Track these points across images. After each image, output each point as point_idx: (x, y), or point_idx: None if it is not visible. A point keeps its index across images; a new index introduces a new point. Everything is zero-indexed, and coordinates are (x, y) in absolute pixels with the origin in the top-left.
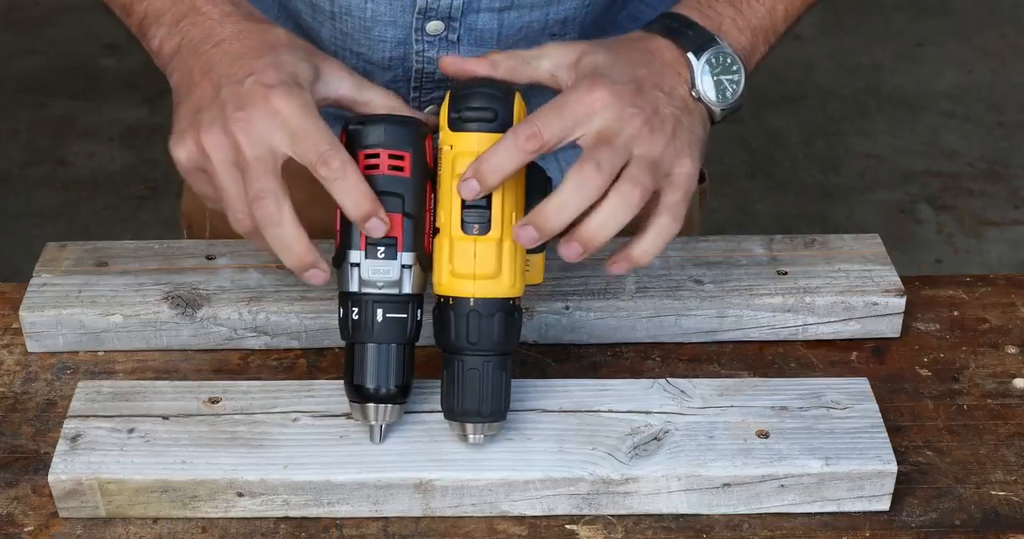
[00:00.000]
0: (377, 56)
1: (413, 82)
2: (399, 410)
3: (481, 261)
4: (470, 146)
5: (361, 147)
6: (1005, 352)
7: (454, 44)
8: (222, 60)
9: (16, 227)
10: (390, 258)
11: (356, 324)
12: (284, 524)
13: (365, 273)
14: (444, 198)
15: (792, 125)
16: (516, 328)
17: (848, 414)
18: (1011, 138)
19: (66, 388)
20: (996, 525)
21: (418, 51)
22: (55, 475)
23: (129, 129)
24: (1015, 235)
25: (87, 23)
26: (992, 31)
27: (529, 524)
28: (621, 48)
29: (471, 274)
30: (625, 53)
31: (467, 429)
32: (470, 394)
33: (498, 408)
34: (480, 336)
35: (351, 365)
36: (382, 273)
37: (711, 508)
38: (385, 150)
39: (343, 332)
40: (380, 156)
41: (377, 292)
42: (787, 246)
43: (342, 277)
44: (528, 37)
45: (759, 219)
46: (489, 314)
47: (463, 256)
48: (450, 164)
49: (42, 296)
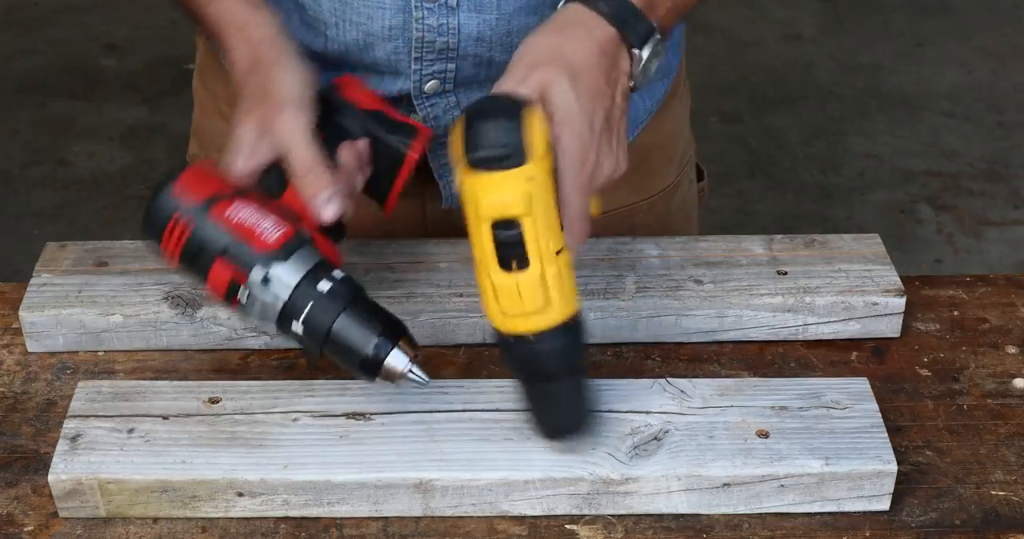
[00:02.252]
0: (377, 25)
1: (414, 53)
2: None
3: (528, 298)
4: (492, 186)
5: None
6: (1005, 352)
7: (453, 10)
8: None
9: (16, 227)
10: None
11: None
12: (284, 524)
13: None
14: (475, 236)
15: (792, 125)
16: (579, 343)
17: (848, 414)
18: (1011, 138)
19: (66, 388)
20: (996, 525)
21: (418, 18)
22: (55, 475)
23: (129, 129)
24: (1015, 235)
25: (87, 23)
26: (992, 31)
27: (529, 524)
28: (580, 67)
29: (521, 312)
30: (585, 74)
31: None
32: (565, 413)
33: (590, 413)
34: (550, 366)
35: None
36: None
37: (711, 508)
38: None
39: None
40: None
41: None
42: (787, 246)
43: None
44: (530, 3)
45: (759, 219)
46: (553, 345)
47: (509, 296)
48: (474, 204)
49: (42, 296)
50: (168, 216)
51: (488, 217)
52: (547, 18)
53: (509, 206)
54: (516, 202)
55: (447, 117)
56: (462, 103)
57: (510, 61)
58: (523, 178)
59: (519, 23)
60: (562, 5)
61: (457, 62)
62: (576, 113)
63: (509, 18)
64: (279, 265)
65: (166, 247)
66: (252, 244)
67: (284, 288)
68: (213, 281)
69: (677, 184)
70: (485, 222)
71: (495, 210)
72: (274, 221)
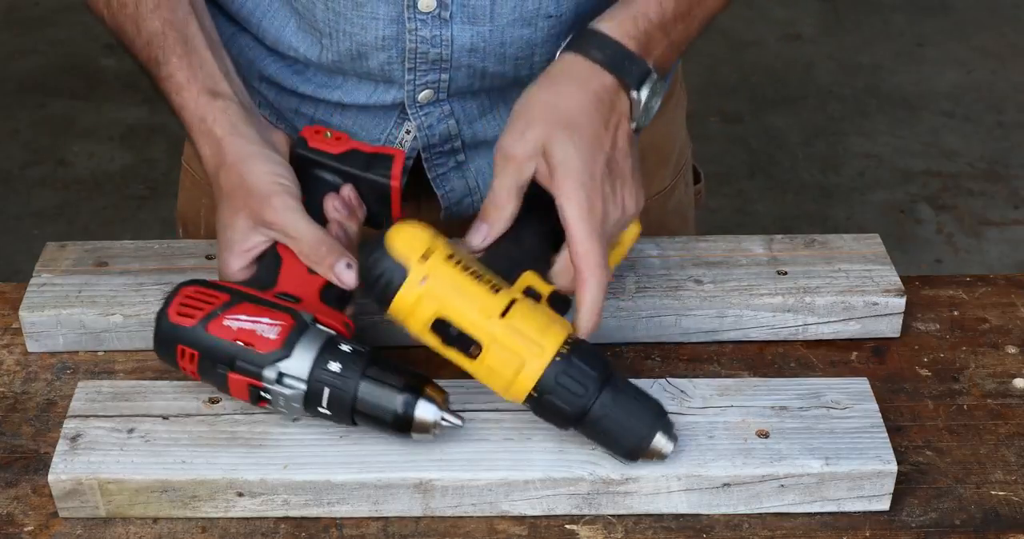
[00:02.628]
0: (370, 36)
1: (407, 63)
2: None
3: (503, 368)
4: (400, 308)
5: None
6: (1005, 352)
7: (446, 22)
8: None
9: (16, 227)
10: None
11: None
12: (284, 524)
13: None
14: (431, 346)
15: (792, 125)
16: (587, 362)
17: (848, 414)
18: (1011, 138)
19: (66, 388)
20: (996, 525)
21: (411, 29)
22: (55, 475)
23: (129, 129)
24: (1015, 235)
25: (87, 23)
26: (992, 31)
27: (529, 524)
28: (577, 119)
29: (507, 385)
30: (582, 125)
31: (655, 451)
32: (627, 429)
33: (653, 414)
34: (572, 402)
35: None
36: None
37: (711, 508)
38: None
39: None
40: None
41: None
42: (787, 246)
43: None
44: (523, 16)
45: (759, 219)
46: (559, 383)
47: (490, 376)
48: (403, 326)
49: (42, 296)
50: (174, 346)
51: (420, 330)
52: (541, 33)
53: (423, 315)
54: (425, 309)
55: (441, 126)
56: (456, 112)
57: (509, 115)
58: (415, 287)
59: (512, 35)
60: (559, 54)
61: (451, 72)
62: (576, 164)
63: (503, 30)
64: (286, 362)
65: (185, 369)
66: (256, 348)
67: (298, 381)
68: (235, 391)
69: (673, 187)
70: (423, 334)
71: (418, 324)
72: (270, 317)
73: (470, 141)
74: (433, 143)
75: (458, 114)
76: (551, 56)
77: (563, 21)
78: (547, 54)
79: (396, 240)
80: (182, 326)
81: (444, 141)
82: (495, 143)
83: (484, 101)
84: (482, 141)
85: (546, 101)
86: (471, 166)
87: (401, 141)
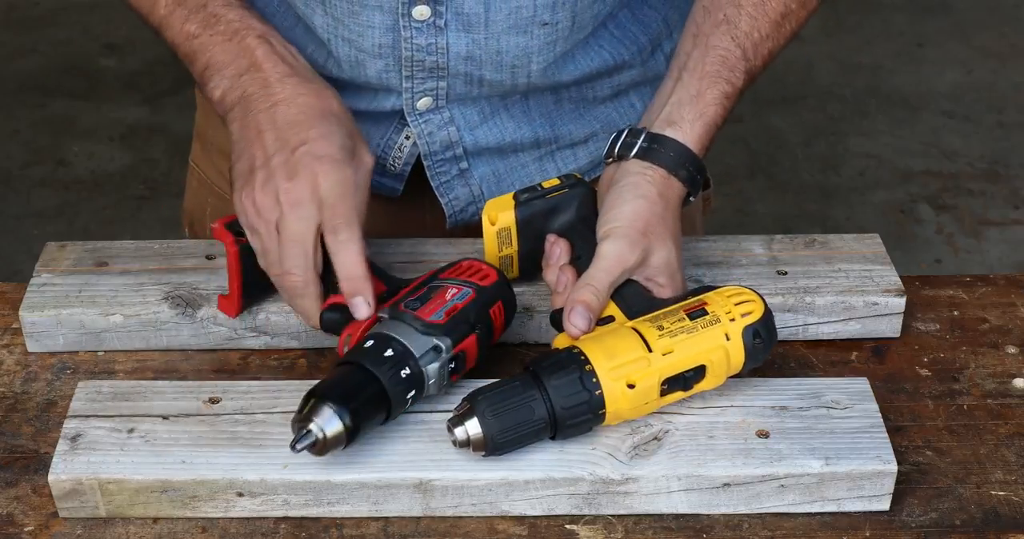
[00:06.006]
0: (367, 43)
1: (404, 71)
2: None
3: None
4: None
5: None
6: (1005, 352)
7: (442, 30)
8: (276, 123)
9: (16, 227)
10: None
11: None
12: (284, 524)
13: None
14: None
15: (792, 125)
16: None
17: (848, 414)
18: (1011, 138)
19: (66, 388)
20: (996, 525)
21: (406, 38)
22: (55, 475)
23: (129, 129)
24: (1015, 235)
25: (87, 23)
26: (992, 31)
27: (529, 524)
28: (666, 233)
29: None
30: (672, 239)
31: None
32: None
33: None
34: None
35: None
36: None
37: (711, 508)
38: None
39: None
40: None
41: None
42: (787, 246)
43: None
44: (518, 23)
45: (759, 219)
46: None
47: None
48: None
49: (42, 296)
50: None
51: (660, 402)
52: (537, 41)
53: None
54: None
55: (441, 133)
56: (456, 119)
57: (618, 225)
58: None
59: (508, 42)
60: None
61: (448, 80)
62: (675, 265)
63: (498, 37)
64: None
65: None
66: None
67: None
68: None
69: None
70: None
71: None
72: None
73: (472, 148)
74: (434, 150)
75: (458, 121)
76: (547, 63)
77: (558, 29)
78: (543, 61)
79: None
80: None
81: (445, 148)
82: (497, 150)
83: (484, 108)
84: (484, 148)
85: (649, 217)
86: (475, 173)
87: (401, 147)
